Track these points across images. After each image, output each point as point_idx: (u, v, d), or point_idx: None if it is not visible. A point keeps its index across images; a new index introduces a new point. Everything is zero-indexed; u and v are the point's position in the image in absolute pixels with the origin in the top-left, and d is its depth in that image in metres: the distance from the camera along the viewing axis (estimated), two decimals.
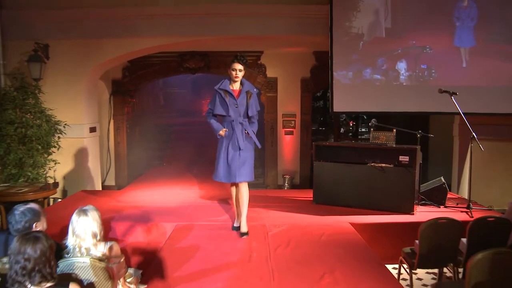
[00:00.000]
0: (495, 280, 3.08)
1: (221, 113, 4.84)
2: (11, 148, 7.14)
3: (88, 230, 2.98)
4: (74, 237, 2.99)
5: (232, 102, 4.79)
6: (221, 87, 4.84)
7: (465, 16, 6.91)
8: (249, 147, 4.89)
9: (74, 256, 2.95)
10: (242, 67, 4.75)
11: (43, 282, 2.31)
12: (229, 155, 4.81)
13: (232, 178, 4.81)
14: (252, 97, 4.91)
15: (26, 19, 7.73)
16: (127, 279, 3.39)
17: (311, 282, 3.53)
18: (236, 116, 4.82)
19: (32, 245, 2.30)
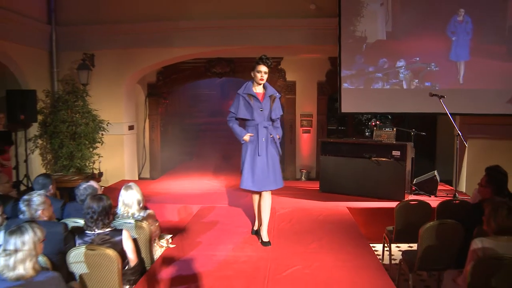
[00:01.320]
0: (440, 244, 3.98)
1: (246, 116, 4.62)
2: (64, 143, 8.33)
3: (134, 199, 4.05)
4: (123, 206, 4.06)
5: (257, 106, 4.59)
6: (245, 91, 4.64)
7: (461, 31, 7.63)
8: (276, 152, 4.72)
9: (123, 219, 4.02)
10: (267, 69, 4.57)
11: (104, 228, 3.39)
12: (257, 161, 4.58)
13: (262, 186, 4.56)
14: (276, 101, 4.75)
15: (76, 33, 8.94)
16: (160, 239, 4.46)
17: (302, 245, 4.52)
18: (261, 119, 4.60)
19: (97, 202, 3.38)
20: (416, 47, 7.85)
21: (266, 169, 4.54)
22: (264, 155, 4.56)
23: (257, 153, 4.55)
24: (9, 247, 2.54)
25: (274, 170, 4.59)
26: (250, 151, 4.59)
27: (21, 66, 8.17)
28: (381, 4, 7.99)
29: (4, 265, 2.53)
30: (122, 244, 3.39)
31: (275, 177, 4.60)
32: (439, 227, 3.99)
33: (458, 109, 7.81)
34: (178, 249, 4.43)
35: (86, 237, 3.35)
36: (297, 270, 3.85)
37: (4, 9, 7.53)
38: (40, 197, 3.51)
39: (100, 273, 3.24)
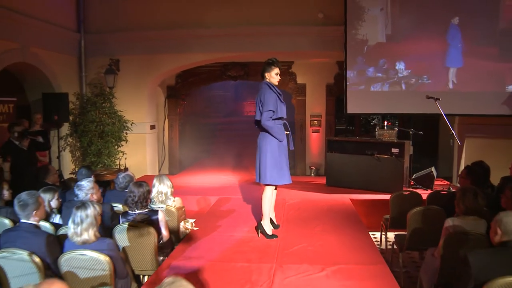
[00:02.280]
0: (425, 226, 4.64)
1: (284, 115, 4.70)
2: (92, 141, 9.14)
3: (165, 188, 4.79)
4: (156, 193, 4.79)
5: (284, 105, 4.73)
6: (277, 91, 4.67)
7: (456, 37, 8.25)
8: None
9: (155, 204, 4.76)
10: None
11: (143, 208, 4.13)
12: (285, 158, 4.76)
13: (288, 179, 4.79)
14: None
15: (102, 40, 9.75)
16: (185, 223, 5.20)
17: (307, 229, 5.22)
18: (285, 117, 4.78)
19: (138, 188, 4.12)
20: (414, 49, 8.48)
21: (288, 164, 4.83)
22: (286, 151, 4.78)
23: (285, 149, 4.73)
24: (76, 219, 3.29)
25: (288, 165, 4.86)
26: (280, 149, 4.67)
27: (54, 71, 8.96)
28: (381, 9, 8.64)
29: (73, 232, 3.28)
30: (158, 222, 4.13)
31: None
32: (424, 212, 4.66)
33: (456, 110, 8.44)
34: (201, 231, 5.17)
35: (129, 216, 4.09)
36: (302, 247, 4.55)
37: (40, 20, 8.35)
38: (90, 183, 4.27)
39: (140, 245, 3.97)
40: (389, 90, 8.61)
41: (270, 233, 4.90)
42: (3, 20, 7.38)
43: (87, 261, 3.24)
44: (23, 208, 3.43)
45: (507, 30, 8.11)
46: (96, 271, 3.27)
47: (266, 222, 4.92)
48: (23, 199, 3.44)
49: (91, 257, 3.23)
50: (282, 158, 4.70)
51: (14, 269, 3.30)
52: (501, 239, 2.91)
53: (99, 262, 3.24)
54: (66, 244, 3.38)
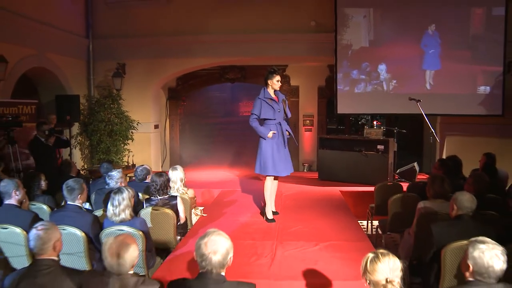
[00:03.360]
0: (403, 211, 5.40)
1: (270, 117, 5.46)
2: (101, 140, 9.84)
3: (178, 177, 5.51)
4: (171, 182, 5.52)
5: (276, 108, 5.48)
6: (266, 96, 5.48)
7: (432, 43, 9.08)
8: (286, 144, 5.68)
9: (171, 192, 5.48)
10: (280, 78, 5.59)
11: (163, 195, 4.85)
12: (277, 152, 5.51)
13: (281, 172, 5.56)
14: (287, 104, 5.67)
15: (109, 45, 10.42)
16: (195, 210, 5.93)
17: (302, 215, 5.98)
18: (279, 119, 5.53)
19: (159, 177, 4.85)
20: (394, 53, 9.30)
21: (283, 158, 5.58)
22: (283, 147, 5.59)
23: (277, 145, 5.50)
24: (115, 202, 4.00)
25: (286, 159, 5.65)
26: (271, 144, 5.47)
27: (66, 74, 9.64)
28: (364, 17, 9.45)
29: (112, 213, 4.00)
30: (177, 207, 4.86)
31: (291, 164, 5.74)
32: (403, 198, 5.44)
33: (436, 110, 9.22)
34: (209, 217, 5.92)
35: (152, 201, 4.82)
36: (298, 228, 5.32)
37: (54, 27, 9.02)
38: (119, 173, 5.00)
39: (162, 226, 4.69)
40: (373, 91, 9.39)
41: (271, 217, 5.65)
42: (23, 28, 8.05)
43: None
44: (70, 192, 4.14)
45: (477, 36, 8.95)
46: None
47: (267, 207, 5.69)
48: (70, 184, 4.15)
49: (128, 232, 3.95)
50: (276, 153, 5.50)
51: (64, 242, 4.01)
52: (456, 213, 3.69)
53: (134, 236, 3.96)
54: (105, 223, 4.11)
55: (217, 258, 2.52)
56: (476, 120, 9.48)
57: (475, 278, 2.50)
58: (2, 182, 4.24)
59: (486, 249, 2.48)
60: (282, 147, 5.59)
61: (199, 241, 2.61)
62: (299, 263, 4.15)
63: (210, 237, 2.60)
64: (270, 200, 5.79)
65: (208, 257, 2.51)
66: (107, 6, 10.48)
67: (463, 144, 9.51)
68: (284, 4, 9.93)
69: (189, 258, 4.20)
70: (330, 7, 9.42)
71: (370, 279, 2.37)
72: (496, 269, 2.46)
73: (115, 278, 2.56)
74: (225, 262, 2.56)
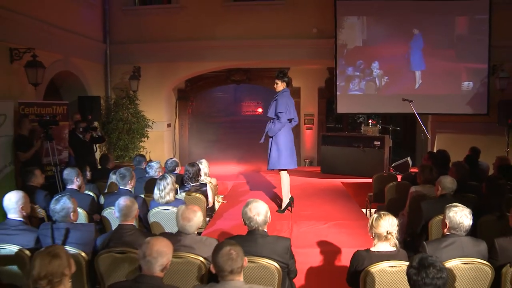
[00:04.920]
0: (398, 197, 6.28)
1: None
2: (120, 137, 10.67)
3: (204, 168, 6.37)
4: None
5: None
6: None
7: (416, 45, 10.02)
8: None
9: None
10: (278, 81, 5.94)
11: (195, 182, 5.71)
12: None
13: None
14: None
15: (125, 50, 11.24)
16: (217, 197, 6.79)
17: (310, 201, 6.86)
18: None
19: (191, 167, 5.70)
20: (385, 52, 10.22)
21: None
22: None
23: None
24: (160, 187, 4.85)
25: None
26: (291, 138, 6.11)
27: (86, 77, 10.45)
28: (357, 18, 10.37)
29: (159, 196, 4.85)
30: (207, 193, 5.72)
31: None
32: (397, 186, 6.33)
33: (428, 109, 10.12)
34: (229, 204, 6.78)
35: (185, 188, 5.68)
36: (308, 212, 6.20)
37: (76, 33, 9.82)
38: (158, 164, 5.88)
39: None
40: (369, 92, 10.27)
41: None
42: (52, 35, 8.85)
43: (169, 214, 4.81)
44: (123, 178, 4.99)
45: (461, 36, 9.97)
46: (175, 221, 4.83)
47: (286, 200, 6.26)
48: (123, 172, 5.01)
49: (172, 211, 4.79)
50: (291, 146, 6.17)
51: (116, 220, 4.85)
52: (441, 193, 4.59)
53: None
54: (152, 204, 4.95)
55: (261, 218, 3.41)
56: (464, 119, 10.38)
57: (450, 232, 3.40)
58: (65, 170, 5.09)
59: (458, 210, 3.40)
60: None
61: (245, 209, 3.49)
62: (313, 237, 5.03)
63: (252, 204, 3.48)
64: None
65: (254, 218, 3.39)
66: (123, 13, 11.30)
67: (452, 141, 10.38)
68: (288, 12, 10.79)
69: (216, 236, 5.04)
70: (330, 15, 10.31)
71: (375, 232, 3.26)
72: (465, 224, 3.37)
73: (184, 236, 3.43)
74: (266, 219, 3.44)
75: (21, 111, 7.38)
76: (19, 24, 7.80)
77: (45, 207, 5.17)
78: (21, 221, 3.76)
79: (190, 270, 3.33)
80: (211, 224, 5.65)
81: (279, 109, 5.82)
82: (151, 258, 2.65)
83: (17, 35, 7.73)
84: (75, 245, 3.52)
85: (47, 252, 2.49)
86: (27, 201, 3.83)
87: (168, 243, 2.78)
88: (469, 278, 3.30)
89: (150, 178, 5.83)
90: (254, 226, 3.41)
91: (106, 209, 4.92)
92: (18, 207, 3.74)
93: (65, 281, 2.53)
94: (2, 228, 3.72)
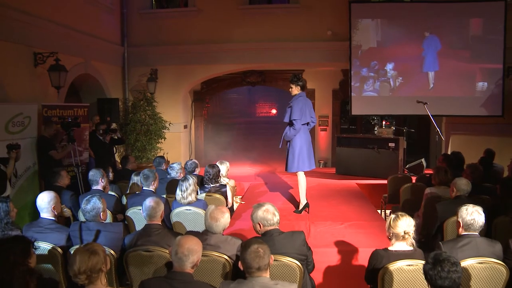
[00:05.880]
0: (412, 198, 6.38)
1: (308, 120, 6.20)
2: (138, 139, 10.89)
3: (224, 170, 6.53)
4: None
5: None
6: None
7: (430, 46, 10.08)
8: None
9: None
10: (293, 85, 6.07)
11: (215, 183, 5.88)
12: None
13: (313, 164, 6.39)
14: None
15: (142, 53, 11.46)
16: (235, 197, 6.96)
17: (326, 202, 7.00)
18: None
19: (212, 169, 5.87)
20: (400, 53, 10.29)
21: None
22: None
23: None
24: (183, 188, 5.02)
25: None
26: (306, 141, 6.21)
27: (105, 79, 10.67)
28: (372, 20, 10.45)
29: (181, 197, 5.01)
30: (226, 193, 5.88)
31: None
32: (412, 187, 6.44)
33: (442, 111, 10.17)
34: (247, 204, 6.95)
35: (206, 188, 5.85)
36: (325, 212, 6.33)
37: (95, 37, 10.05)
38: (179, 165, 6.05)
39: None
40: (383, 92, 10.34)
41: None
42: (72, 39, 9.08)
43: (191, 214, 4.98)
44: (146, 179, 5.17)
45: (476, 36, 10.01)
46: (196, 221, 5.01)
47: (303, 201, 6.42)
48: (146, 173, 5.19)
49: (194, 211, 4.97)
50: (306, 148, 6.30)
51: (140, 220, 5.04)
52: (455, 194, 4.69)
53: (199, 214, 4.97)
54: (174, 204, 5.12)
55: (276, 218, 3.56)
56: (478, 120, 10.40)
57: (465, 232, 3.52)
58: (90, 172, 5.30)
59: (469, 208, 3.57)
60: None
61: (258, 211, 3.62)
62: (330, 237, 5.18)
63: (263, 207, 3.63)
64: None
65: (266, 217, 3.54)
66: (141, 17, 11.52)
67: (467, 142, 10.44)
68: (303, 15, 10.93)
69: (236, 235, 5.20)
70: (345, 17, 10.40)
71: (393, 232, 3.39)
72: (478, 221, 3.53)
73: (210, 235, 3.59)
74: (277, 219, 3.60)
75: (44, 114, 7.60)
76: (42, 29, 8.06)
77: (71, 206, 5.39)
78: (53, 220, 3.96)
79: (215, 268, 3.49)
80: (231, 224, 5.79)
81: (293, 116, 5.93)
82: (182, 256, 2.82)
83: (41, 40, 7.99)
84: (105, 244, 3.70)
85: (86, 249, 2.67)
86: (58, 201, 4.03)
87: (198, 242, 2.94)
88: (484, 277, 3.42)
89: (172, 179, 6.01)
90: (270, 226, 3.57)
91: (130, 209, 5.10)
92: (50, 206, 3.94)
93: (101, 277, 2.72)
94: (36, 226, 3.92)
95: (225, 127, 15.59)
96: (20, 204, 6.99)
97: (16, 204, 6.78)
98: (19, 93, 7.50)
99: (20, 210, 6.98)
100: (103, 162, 7.41)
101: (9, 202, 3.86)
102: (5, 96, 7.19)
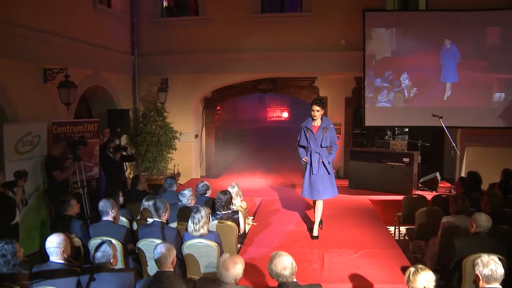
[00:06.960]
0: (428, 222, 6.23)
1: (304, 144, 6.14)
2: (148, 149, 10.82)
3: (236, 193, 6.43)
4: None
5: (311, 136, 6.03)
6: (304, 125, 6.10)
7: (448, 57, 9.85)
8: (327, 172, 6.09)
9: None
10: (320, 108, 5.89)
11: (227, 210, 5.78)
12: (311, 177, 6.12)
13: (313, 196, 6.19)
14: (327, 132, 5.99)
15: (153, 62, 11.36)
16: (247, 220, 6.86)
17: (339, 224, 6.87)
18: (314, 147, 6.02)
19: (224, 195, 5.77)
20: (415, 63, 10.08)
21: (316, 184, 6.08)
22: (317, 173, 6.07)
23: (311, 171, 6.10)
24: (195, 220, 4.92)
25: (323, 185, 6.08)
26: (308, 169, 6.18)
27: (115, 89, 10.59)
28: (386, 29, 10.25)
29: (193, 229, 4.92)
30: (238, 220, 5.78)
31: (324, 190, 6.11)
32: (428, 211, 6.29)
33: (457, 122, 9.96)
34: (259, 226, 6.85)
35: (217, 215, 5.75)
36: (338, 237, 6.21)
37: (105, 47, 9.97)
38: (190, 192, 5.95)
39: (226, 236, 5.60)
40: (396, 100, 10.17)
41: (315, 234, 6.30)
42: (82, 52, 9.00)
43: (203, 247, 4.88)
44: (157, 211, 5.09)
45: (493, 46, 9.78)
46: (208, 253, 4.92)
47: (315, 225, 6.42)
48: (158, 205, 5.10)
49: (206, 244, 4.87)
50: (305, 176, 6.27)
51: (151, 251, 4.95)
52: (475, 230, 4.54)
53: (211, 247, 4.87)
54: (186, 236, 5.02)
55: (288, 272, 3.43)
56: (494, 132, 10.14)
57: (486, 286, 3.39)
58: (100, 202, 5.22)
59: (485, 259, 3.47)
60: (316, 174, 6.08)
61: (270, 265, 3.50)
62: (344, 269, 5.07)
63: (276, 259, 3.49)
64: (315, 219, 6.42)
65: (281, 273, 3.42)
66: (151, 26, 11.42)
67: (482, 154, 10.25)
68: (316, 24, 10.74)
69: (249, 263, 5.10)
70: (358, 27, 10.24)
71: (412, 286, 3.26)
72: (497, 271, 3.41)
73: (222, 285, 3.49)
74: (293, 271, 3.47)
75: (54, 131, 7.54)
76: (51, 44, 7.98)
77: (81, 236, 5.33)
78: (62, 263, 3.88)
79: None
80: (243, 251, 5.72)
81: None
82: None
83: (51, 55, 7.93)
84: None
85: None
86: (67, 244, 3.94)
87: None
88: None
89: (183, 206, 5.91)
90: (283, 280, 3.45)
91: (141, 241, 5.01)
92: (60, 250, 3.86)
93: None
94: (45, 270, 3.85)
95: (236, 133, 15.50)
96: (29, 225, 6.99)
97: (25, 224, 6.81)
98: (29, 110, 7.45)
99: (30, 231, 7.01)
100: (113, 181, 7.34)
101: (15, 243, 3.78)
102: (14, 115, 7.16)
